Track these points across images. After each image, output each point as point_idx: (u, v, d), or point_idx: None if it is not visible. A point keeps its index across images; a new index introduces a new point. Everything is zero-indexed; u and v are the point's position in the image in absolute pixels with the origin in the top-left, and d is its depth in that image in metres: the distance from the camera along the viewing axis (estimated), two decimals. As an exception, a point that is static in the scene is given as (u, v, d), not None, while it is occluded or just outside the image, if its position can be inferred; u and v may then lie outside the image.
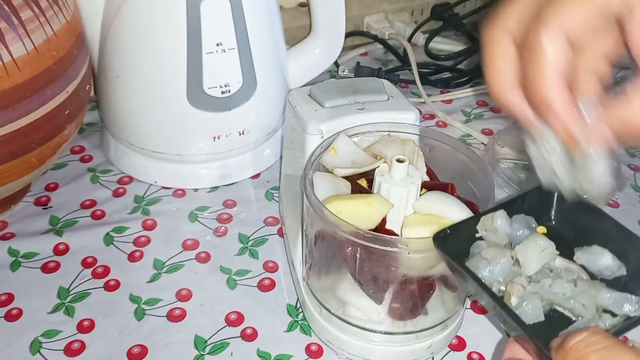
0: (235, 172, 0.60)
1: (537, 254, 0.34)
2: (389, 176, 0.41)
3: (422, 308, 0.42)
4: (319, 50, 0.63)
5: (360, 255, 0.39)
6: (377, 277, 0.40)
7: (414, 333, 0.43)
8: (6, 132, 0.45)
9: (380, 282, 0.40)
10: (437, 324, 0.43)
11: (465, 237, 0.36)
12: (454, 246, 0.36)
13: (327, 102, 0.47)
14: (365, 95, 0.48)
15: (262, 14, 0.56)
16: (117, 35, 0.54)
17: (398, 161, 0.41)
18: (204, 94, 0.54)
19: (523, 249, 0.35)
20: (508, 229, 0.36)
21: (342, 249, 0.40)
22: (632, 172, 0.65)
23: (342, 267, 0.42)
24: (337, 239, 0.40)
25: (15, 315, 0.47)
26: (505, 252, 0.35)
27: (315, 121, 0.46)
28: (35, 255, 0.51)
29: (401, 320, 0.43)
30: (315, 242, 0.43)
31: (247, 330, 0.47)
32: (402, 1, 0.85)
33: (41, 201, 0.57)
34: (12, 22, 0.43)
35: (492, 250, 0.35)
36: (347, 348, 0.44)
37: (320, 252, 0.43)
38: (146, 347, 0.45)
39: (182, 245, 0.53)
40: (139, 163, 0.59)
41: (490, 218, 0.36)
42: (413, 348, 0.44)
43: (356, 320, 0.43)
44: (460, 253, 0.35)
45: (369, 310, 0.42)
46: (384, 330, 0.43)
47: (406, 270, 0.40)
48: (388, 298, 0.41)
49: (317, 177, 0.42)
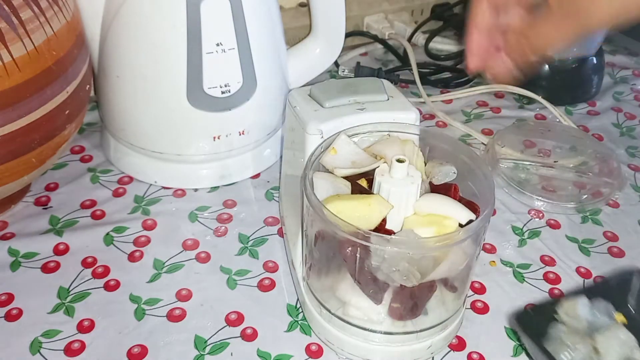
0: (235, 172, 0.60)
1: (618, 347, 0.36)
2: (388, 176, 0.41)
3: (422, 308, 0.42)
4: (319, 50, 0.63)
5: (360, 255, 0.39)
6: (377, 278, 0.40)
7: (414, 333, 0.43)
8: (6, 132, 0.45)
9: (380, 282, 0.40)
10: (437, 324, 0.43)
11: (546, 318, 0.39)
12: (535, 326, 0.38)
13: (327, 102, 0.47)
14: (365, 95, 0.48)
15: (262, 14, 0.56)
16: (117, 35, 0.54)
17: (398, 161, 0.41)
18: (204, 94, 0.54)
19: (604, 340, 0.36)
20: (590, 317, 0.38)
21: (341, 249, 0.40)
22: (632, 172, 0.65)
23: (341, 267, 0.42)
24: (336, 239, 0.40)
25: (15, 315, 0.47)
26: (586, 340, 0.36)
27: (315, 121, 0.46)
28: (35, 255, 0.51)
29: (401, 320, 0.43)
30: (315, 242, 0.43)
31: (247, 330, 0.47)
32: (402, 1, 0.85)
33: (41, 201, 0.57)
34: (12, 22, 0.43)
35: (573, 337, 0.37)
36: (347, 348, 0.44)
37: (320, 252, 0.43)
38: (146, 347, 0.45)
39: (182, 245, 0.53)
40: (139, 163, 0.59)
41: (573, 304, 0.38)
42: (413, 348, 0.44)
43: (356, 320, 0.43)
44: (540, 333, 0.38)
45: (369, 310, 0.42)
46: (384, 330, 0.43)
47: None
48: (388, 298, 0.41)
49: (317, 177, 0.42)
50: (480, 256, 0.54)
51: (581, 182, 0.62)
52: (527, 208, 0.59)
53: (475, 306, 0.49)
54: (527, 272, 0.53)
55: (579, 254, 0.54)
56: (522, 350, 0.46)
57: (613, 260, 0.54)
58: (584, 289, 0.41)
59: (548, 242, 0.55)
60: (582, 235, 0.56)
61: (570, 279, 0.52)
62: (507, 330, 0.48)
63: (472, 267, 0.43)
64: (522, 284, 0.51)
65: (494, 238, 0.56)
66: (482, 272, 0.52)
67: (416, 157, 0.44)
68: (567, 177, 0.63)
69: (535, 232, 0.56)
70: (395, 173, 0.41)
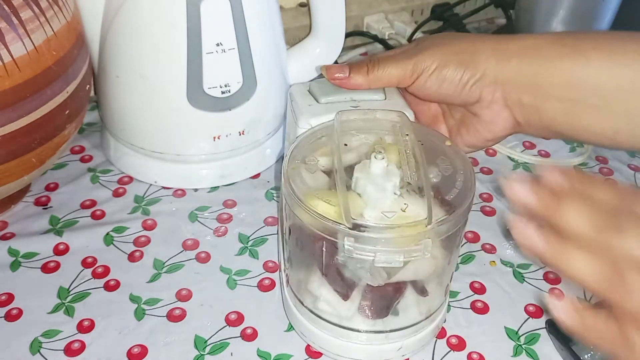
0: (235, 172, 0.60)
1: None
2: (367, 172, 0.40)
3: (390, 309, 0.42)
4: (319, 50, 0.63)
5: (327, 249, 0.39)
6: (344, 274, 0.40)
7: (384, 333, 0.43)
8: (6, 132, 0.45)
9: (347, 279, 0.40)
10: (407, 325, 0.43)
11: None
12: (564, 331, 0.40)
13: (323, 97, 0.47)
14: (362, 94, 0.48)
15: (262, 14, 0.56)
16: (117, 35, 0.54)
17: (376, 157, 0.40)
18: (204, 94, 0.54)
19: None
20: None
21: (310, 242, 0.40)
22: (632, 172, 0.65)
23: (312, 260, 0.42)
24: (306, 232, 0.40)
25: (15, 315, 0.47)
26: None
27: (307, 115, 0.46)
28: (35, 255, 0.51)
29: (369, 319, 0.43)
30: (289, 235, 0.43)
31: (247, 330, 0.47)
32: (402, 1, 0.85)
33: (41, 201, 0.57)
34: (12, 22, 0.43)
35: None
36: (318, 342, 0.44)
37: (293, 244, 0.43)
38: (146, 347, 0.45)
39: (182, 245, 0.53)
40: (139, 163, 0.59)
41: None
42: (382, 348, 0.43)
43: (326, 315, 0.43)
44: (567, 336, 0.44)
45: (338, 305, 0.42)
46: (354, 327, 0.43)
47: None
48: (358, 295, 0.41)
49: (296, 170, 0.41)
50: (480, 256, 0.54)
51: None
52: (527, 208, 0.59)
53: (475, 306, 0.49)
54: (527, 272, 0.53)
55: (579, 254, 0.54)
56: (522, 351, 0.46)
57: (613, 260, 0.54)
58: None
59: (548, 242, 0.55)
60: (582, 235, 0.56)
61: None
62: (507, 330, 0.48)
63: (446, 272, 0.43)
64: (522, 284, 0.51)
65: (494, 238, 0.56)
66: (482, 272, 0.52)
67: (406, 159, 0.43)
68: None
69: (535, 232, 0.56)
70: (373, 169, 0.40)
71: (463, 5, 0.88)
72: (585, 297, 0.51)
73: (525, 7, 0.78)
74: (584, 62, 0.43)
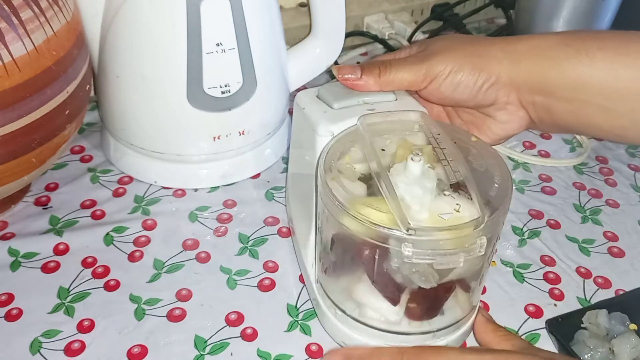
0: (235, 172, 0.60)
1: (629, 349, 0.44)
2: (405, 175, 0.40)
3: (440, 309, 0.42)
4: (319, 50, 0.63)
5: (379, 257, 0.39)
6: (395, 280, 0.40)
7: (431, 333, 0.43)
8: (6, 132, 0.45)
9: (398, 284, 0.40)
10: (452, 323, 0.43)
11: (573, 325, 0.47)
12: (563, 331, 0.46)
13: (336, 103, 0.46)
14: (373, 96, 0.47)
15: (262, 14, 0.56)
16: (117, 35, 0.54)
17: (413, 159, 0.40)
18: (204, 94, 0.54)
19: (618, 343, 0.44)
20: (608, 325, 0.46)
21: (359, 251, 0.39)
22: (632, 172, 0.65)
23: (358, 269, 0.41)
24: (354, 242, 0.39)
25: (15, 315, 0.47)
26: (604, 344, 0.44)
27: (326, 122, 0.45)
28: (35, 255, 0.51)
29: (418, 321, 0.42)
30: (331, 246, 0.42)
31: (247, 330, 0.47)
32: (402, 1, 0.85)
33: (41, 201, 0.57)
34: (12, 22, 0.43)
35: (594, 341, 0.44)
36: None
37: (336, 254, 0.43)
38: (146, 347, 0.45)
39: (182, 245, 0.53)
40: (139, 163, 0.59)
41: (595, 314, 0.46)
42: None
43: (373, 321, 0.42)
44: (567, 336, 0.46)
45: (386, 311, 0.42)
46: (401, 331, 0.42)
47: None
48: (405, 299, 0.41)
49: (334, 180, 0.41)
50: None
51: (581, 182, 0.62)
52: (527, 208, 0.59)
53: (475, 306, 0.49)
54: (527, 272, 0.53)
55: (579, 254, 0.55)
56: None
57: (613, 260, 0.54)
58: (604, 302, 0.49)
59: (548, 242, 0.55)
60: (582, 235, 0.56)
61: (570, 279, 0.52)
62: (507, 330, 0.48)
63: (486, 266, 0.43)
64: (522, 284, 0.51)
65: (494, 238, 0.56)
66: (482, 272, 0.52)
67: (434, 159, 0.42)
68: (568, 177, 0.63)
69: (535, 232, 0.56)
70: (412, 171, 0.40)
71: (463, 5, 0.88)
72: (585, 297, 0.51)
73: (525, 7, 0.78)
74: (589, 63, 0.44)
